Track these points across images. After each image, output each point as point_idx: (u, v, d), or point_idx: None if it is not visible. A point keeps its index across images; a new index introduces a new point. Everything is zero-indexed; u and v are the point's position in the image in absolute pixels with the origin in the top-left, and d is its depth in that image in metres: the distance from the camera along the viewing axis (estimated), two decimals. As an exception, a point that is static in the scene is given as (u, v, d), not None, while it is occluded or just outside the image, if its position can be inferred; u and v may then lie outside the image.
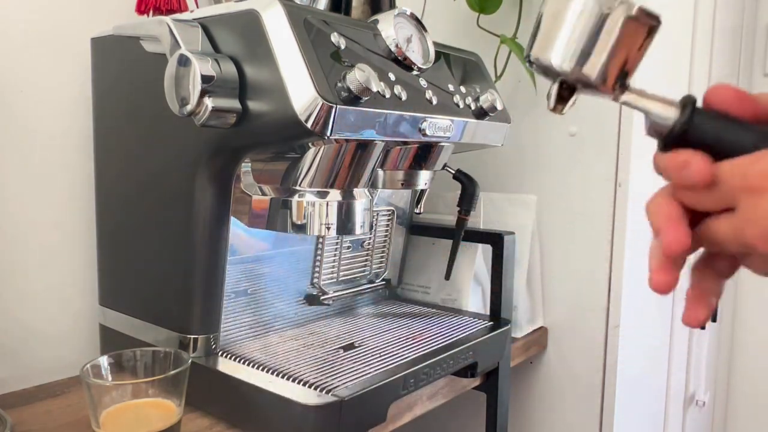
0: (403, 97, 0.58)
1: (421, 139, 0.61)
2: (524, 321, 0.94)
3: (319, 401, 0.56)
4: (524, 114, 0.96)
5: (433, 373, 0.68)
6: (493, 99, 0.68)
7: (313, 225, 0.60)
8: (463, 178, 0.82)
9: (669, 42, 1.02)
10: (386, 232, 0.88)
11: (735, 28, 1.39)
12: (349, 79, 0.50)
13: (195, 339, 0.64)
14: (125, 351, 0.56)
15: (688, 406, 1.36)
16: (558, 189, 0.94)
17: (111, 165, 0.71)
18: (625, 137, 0.88)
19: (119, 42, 0.67)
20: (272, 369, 0.62)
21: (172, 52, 0.53)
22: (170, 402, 0.52)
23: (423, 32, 0.64)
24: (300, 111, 0.50)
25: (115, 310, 0.72)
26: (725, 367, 1.59)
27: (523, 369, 0.99)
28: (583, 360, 0.94)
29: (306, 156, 0.58)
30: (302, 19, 0.52)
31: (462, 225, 0.83)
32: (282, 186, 0.61)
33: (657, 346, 1.16)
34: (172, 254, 0.64)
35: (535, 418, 1.00)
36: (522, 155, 0.97)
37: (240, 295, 0.70)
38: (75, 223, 0.77)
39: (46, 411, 0.64)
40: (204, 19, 0.57)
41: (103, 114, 0.71)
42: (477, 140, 0.71)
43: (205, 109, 0.52)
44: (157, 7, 0.70)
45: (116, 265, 0.72)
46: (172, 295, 0.65)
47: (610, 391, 0.93)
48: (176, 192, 0.62)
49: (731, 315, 1.57)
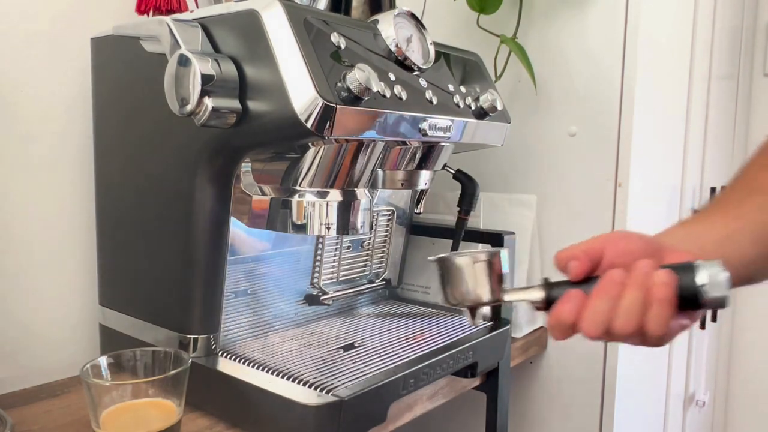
0: (403, 97, 0.58)
1: (421, 139, 0.61)
2: (524, 321, 0.94)
3: (319, 401, 0.56)
4: (524, 114, 0.96)
5: (433, 373, 0.68)
6: (493, 99, 0.68)
7: (313, 225, 0.60)
8: (463, 178, 0.82)
9: (669, 42, 1.02)
10: (386, 232, 0.88)
11: (735, 28, 1.39)
12: (349, 79, 0.50)
13: (195, 339, 0.64)
14: (125, 351, 0.56)
15: (688, 406, 1.36)
16: (558, 189, 0.94)
17: (111, 165, 0.71)
18: (625, 137, 0.88)
19: (119, 42, 0.67)
20: (272, 369, 0.62)
21: (172, 52, 0.53)
22: (170, 402, 0.52)
23: (423, 32, 0.64)
24: (300, 111, 0.50)
25: (115, 310, 0.72)
26: (725, 367, 1.59)
27: (523, 369, 0.99)
28: (583, 360, 0.94)
29: (306, 156, 0.58)
30: (302, 19, 0.52)
31: (462, 225, 0.83)
32: (282, 186, 0.61)
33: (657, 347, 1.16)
34: (172, 254, 0.64)
35: (535, 418, 1.00)
36: (522, 155, 0.97)
37: (240, 295, 0.70)
38: (75, 223, 0.77)
39: (46, 411, 0.64)
40: (204, 19, 0.57)
41: (103, 114, 0.71)
42: (477, 140, 0.71)
43: (205, 109, 0.52)
44: (157, 7, 0.70)
45: (116, 265, 0.72)
46: (172, 295, 0.65)
47: (610, 391, 0.93)
48: (176, 192, 0.62)
49: (731, 315, 1.57)
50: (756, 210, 0.49)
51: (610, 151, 0.90)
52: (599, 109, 0.90)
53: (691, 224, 0.52)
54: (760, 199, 0.50)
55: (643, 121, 0.91)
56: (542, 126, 0.95)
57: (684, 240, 0.48)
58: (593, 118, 0.91)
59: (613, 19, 0.88)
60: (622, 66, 0.88)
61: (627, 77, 0.88)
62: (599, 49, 0.90)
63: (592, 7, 0.90)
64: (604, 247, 0.45)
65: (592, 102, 0.91)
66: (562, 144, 0.93)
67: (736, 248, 0.48)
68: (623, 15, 0.88)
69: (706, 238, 0.49)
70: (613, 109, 0.89)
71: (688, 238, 0.49)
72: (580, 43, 0.91)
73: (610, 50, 0.89)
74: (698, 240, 0.49)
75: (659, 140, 1.01)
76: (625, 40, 0.88)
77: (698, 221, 0.51)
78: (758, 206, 0.49)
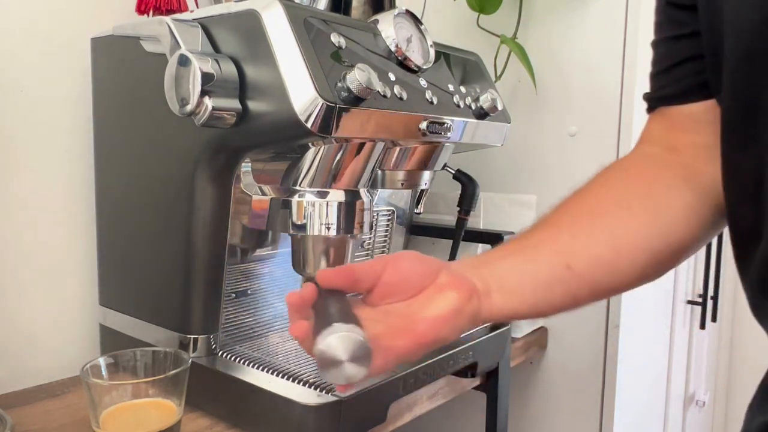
0: (404, 97, 0.58)
1: (421, 139, 0.61)
2: (524, 321, 0.94)
3: (319, 401, 0.56)
4: (524, 114, 0.96)
5: (433, 373, 0.68)
6: (493, 99, 0.68)
7: (313, 225, 0.60)
8: (463, 178, 0.82)
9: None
10: (386, 232, 0.88)
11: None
12: (350, 79, 0.50)
13: (195, 339, 0.64)
14: (125, 351, 0.56)
15: (688, 406, 1.36)
16: (558, 189, 0.94)
17: (111, 165, 0.71)
18: (625, 137, 0.88)
19: (119, 42, 0.67)
20: (272, 369, 0.62)
21: (172, 52, 0.53)
22: (170, 402, 0.52)
23: (423, 32, 0.64)
24: (300, 111, 0.50)
25: (115, 310, 0.72)
26: (725, 367, 1.59)
27: (523, 369, 0.99)
28: (583, 360, 0.94)
29: (306, 156, 0.58)
30: (302, 19, 0.52)
31: (462, 225, 0.83)
32: (282, 186, 0.61)
33: (657, 346, 1.16)
34: (172, 254, 0.64)
35: (535, 418, 1.00)
36: (522, 155, 0.97)
37: (240, 295, 0.70)
38: (75, 223, 0.77)
39: (46, 411, 0.64)
40: (204, 19, 0.57)
41: (103, 114, 0.71)
42: (477, 140, 0.71)
43: (205, 109, 0.52)
44: (157, 7, 0.70)
45: (116, 265, 0.72)
46: (172, 295, 0.65)
47: (609, 391, 0.93)
48: (176, 192, 0.62)
49: (731, 315, 1.57)
50: (553, 253, 0.48)
51: (610, 151, 0.90)
52: (599, 109, 0.90)
53: (484, 255, 0.51)
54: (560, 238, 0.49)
55: (643, 121, 0.91)
56: (542, 126, 0.95)
57: (464, 263, 0.48)
58: (593, 118, 0.91)
59: (613, 18, 0.88)
60: (622, 66, 0.88)
61: (627, 77, 0.88)
62: (599, 49, 0.90)
63: (592, 7, 0.90)
64: (385, 266, 0.45)
65: (592, 102, 0.91)
66: (562, 144, 0.93)
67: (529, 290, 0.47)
68: (623, 15, 0.88)
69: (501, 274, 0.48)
70: (613, 109, 0.89)
71: (475, 260, 0.49)
72: (580, 42, 0.91)
73: (610, 50, 0.89)
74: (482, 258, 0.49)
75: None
76: (625, 39, 0.88)
77: (493, 252, 0.51)
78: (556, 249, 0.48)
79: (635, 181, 0.52)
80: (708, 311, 1.26)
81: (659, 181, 0.51)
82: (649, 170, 0.52)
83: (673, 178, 0.50)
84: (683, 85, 0.49)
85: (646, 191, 0.50)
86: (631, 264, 0.48)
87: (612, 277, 0.48)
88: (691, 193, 0.49)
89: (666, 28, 0.50)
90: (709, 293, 1.26)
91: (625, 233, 0.48)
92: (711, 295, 1.27)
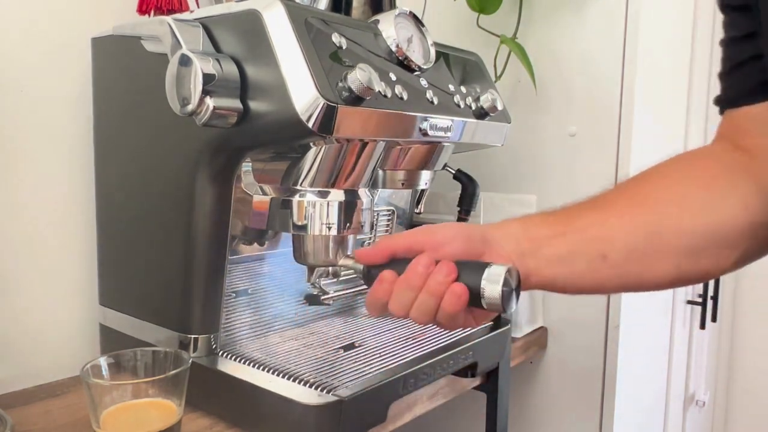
0: (404, 97, 0.58)
1: (422, 139, 0.61)
2: (524, 321, 0.94)
3: (319, 401, 0.56)
4: (524, 114, 0.96)
5: (433, 373, 0.68)
6: (493, 99, 0.68)
7: (313, 225, 0.60)
8: (463, 178, 0.82)
9: (669, 41, 1.02)
10: (386, 231, 0.88)
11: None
12: (351, 79, 0.50)
13: (195, 339, 0.64)
14: (125, 351, 0.55)
15: (688, 406, 1.37)
16: (558, 189, 0.95)
17: (111, 165, 0.71)
18: (625, 137, 0.89)
19: (120, 42, 0.67)
20: (273, 369, 0.62)
21: (173, 52, 0.53)
22: (170, 402, 0.52)
23: (423, 32, 0.64)
24: (301, 111, 0.50)
25: (115, 310, 0.72)
26: (725, 367, 1.59)
27: (523, 369, 0.99)
28: (583, 360, 0.94)
29: (307, 156, 0.58)
30: (303, 19, 0.52)
31: (462, 225, 0.83)
32: (283, 186, 0.61)
33: (657, 346, 1.16)
34: (173, 254, 0.64)
35: (535, 418, 1.00)
36: (522, 155, 0.97)
37: (240, 295, 0.70)
38: (75, 223, 0.77)
39: (46, 411, 0.64)
40: (205, 19, 0.57)
41: (104, 114, 0.71)
42: (477, 140, 0.71)
43: (206, 108, 0.52)
44: (158, 7, 0.70)
45: (116, 265, 0.72)
46: (172, 295, 0.65)
47: (610, 391, 0.93)
48: (177, 192, 0.62)
49: (731, 315, 1.57)
50: (596, 240, 0.48)
51: (610, 151, 0.90)
52: (599, 109, 0.90)
53: (533, 224, 0.52)
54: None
55: (643, 121, 0.91)
56: (542, 126, 0.95)
57: (511, 239, 0.50)
58: (593, 118, 0.91)
59: (613, 19, 0.88)
60: (622, 66, 0.88)
61: (627, 77, 0.88)
62: (599, 49, 0.90)
63: (592, 7, 0.90)
64: (426, 239, 0.48)
65: (592, 102, 0.91)
66: (562, 144, 0.93)
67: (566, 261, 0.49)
68: (623, 15, 0.88)
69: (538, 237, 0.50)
70: (613, 109, 0.89)
71: (523, 235, 0.50)
72: (580, 43, 0.91)
73: (610, 50, 0.89)
74: (528, 241, 0.50)
75: (659, 140, 1.01)
76: (625, 39, 0.88)
77: (542, 224, 0.51)
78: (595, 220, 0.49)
79: (697, 175, 0.51)
80: (708, 311, 1.26)
81: (722, 177, 0.49)
82: (715, 166, 0.51)
83: (737, 177, 0.49)
84: (744, 86, 0.49)
85: (707, 186, 0.49)
86: (666, 262, 0.48)
87: (643, 269, 0.48)
88: (754, 197, 0.47)
89: (727, 28, 0.50)
90: (709, 293, 1.26)
91: (668, 230, 0.48)
92: (711, 295, 1.27)
